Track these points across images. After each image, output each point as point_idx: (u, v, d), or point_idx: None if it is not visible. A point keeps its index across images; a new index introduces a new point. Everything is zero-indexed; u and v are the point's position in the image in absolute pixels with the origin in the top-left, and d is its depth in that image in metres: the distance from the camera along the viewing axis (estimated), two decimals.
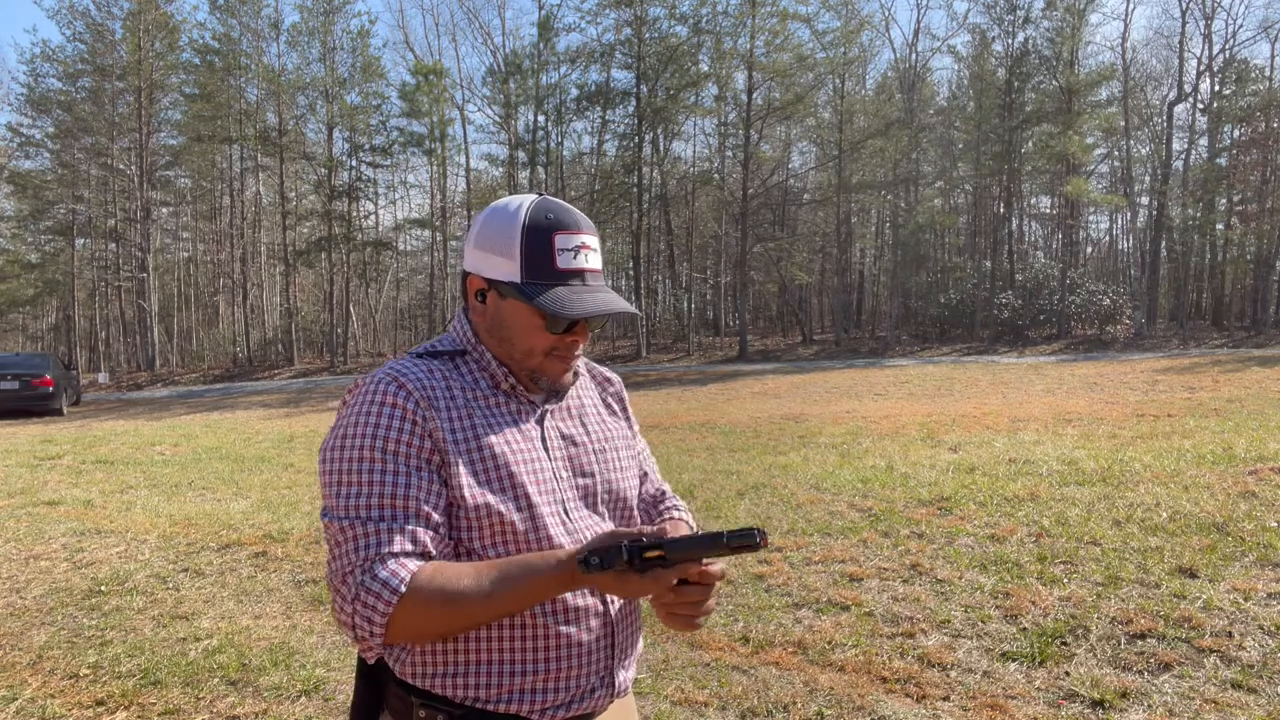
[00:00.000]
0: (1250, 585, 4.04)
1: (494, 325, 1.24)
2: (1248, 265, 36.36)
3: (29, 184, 34.76)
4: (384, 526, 1.09)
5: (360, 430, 1.14)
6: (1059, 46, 31.97)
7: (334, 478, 1.14)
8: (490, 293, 1.23)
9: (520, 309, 1.21)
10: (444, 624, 1.08)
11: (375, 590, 1.06)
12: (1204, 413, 10.83)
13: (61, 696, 3.40)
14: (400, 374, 1.18)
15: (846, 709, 3.07)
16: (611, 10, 32.54)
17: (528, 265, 1.19)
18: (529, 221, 1.20)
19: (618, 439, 1.37)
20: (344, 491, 1.12)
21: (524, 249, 1.19)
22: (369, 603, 1.06)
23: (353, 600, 1.07)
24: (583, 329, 1.24)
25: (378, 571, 1.07)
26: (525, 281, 1.19)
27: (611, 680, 1.24)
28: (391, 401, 1.15)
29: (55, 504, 7.40)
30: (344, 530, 1.10)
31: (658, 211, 36.35)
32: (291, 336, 35.52)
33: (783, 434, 10.61)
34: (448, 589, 1.06)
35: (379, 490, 1.11)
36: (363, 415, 1.15)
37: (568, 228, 1.21)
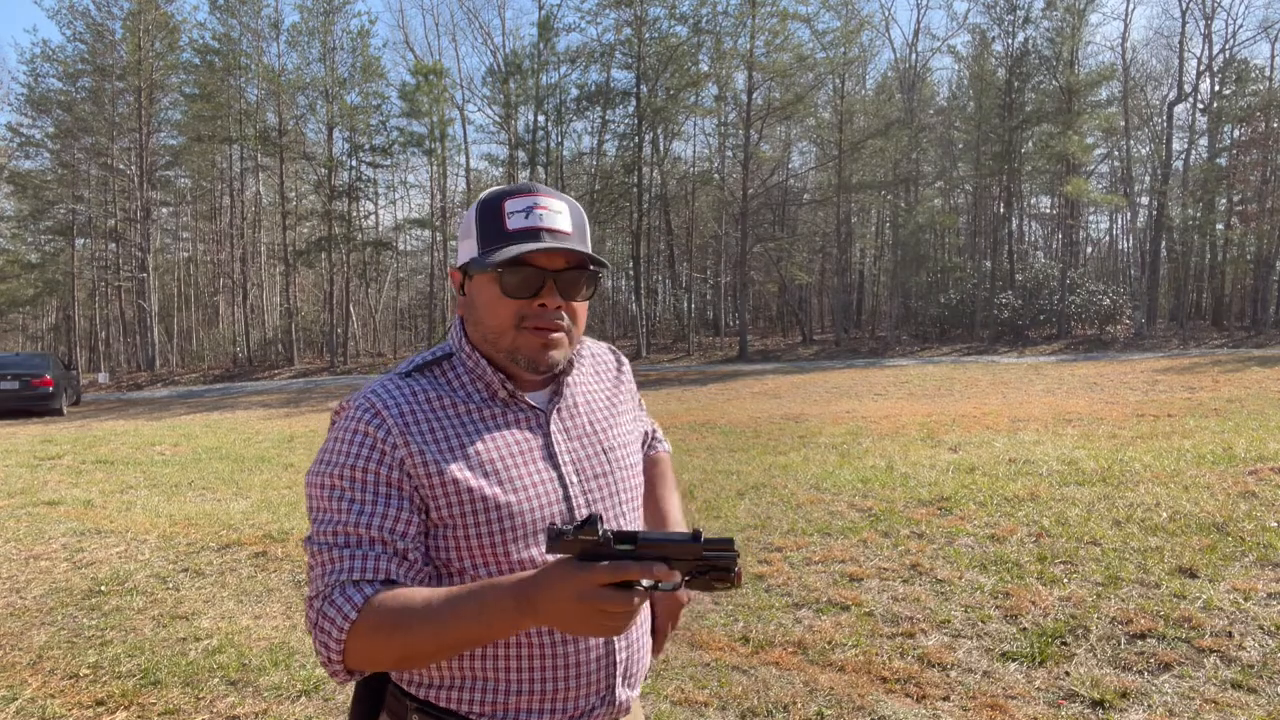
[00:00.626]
0: (1250, 585, 4.04)
1: (470, 312, 1.23)
2: (1248, 265, 36.36)
3: (29, 184, 34.76)
4: (346, 554, 1.09)
5: (334, 458, 1.14)
6: (1059, 46, 31.97)
7: (312, 503, 1.15)
8: (465, 281, 1.23)
9: (483, 282, 1.19)
10: (397, 651, 1.04)
11: (330, 616, 1.06)
12: (1204, 413, 10.83)
13: (61, 696, 3.40)
14: (378, 401, 1.16)
15: (846, 709, 3.07)
16: (611, 10, 32.56)
17: (482, 236, 1.18)
18: (484, 198, 1.21)
19: (626, 424, 1.34)
20: (318, 518, 1.13)
21: (478, 221, 1.20)
22: (325, 628, 1.06)
23: (314, 625, 1.08)
24: (549, 291, 1.17)
25: (335, 598, 1.07)
26: (482, 251, 1.18)
27: (612, 698, 1.22)
28: (365, 430, 1.14)
29: (55, 504, 7.40)
30: (315, 556, 1.11)
31: (658, 211, 36.35)
32: (291, 336, 35.52)
33: (783, 434, 10.61)
34: (397, 616, 1.03)
35: (345, 518, 1.10)
36: (339, 443, 1.15)
37: (518, 193, 1.19)
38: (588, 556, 0.95)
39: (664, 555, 0.97)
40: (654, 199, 35.68)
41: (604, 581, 0.93)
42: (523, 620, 0.99)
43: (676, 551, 0.97)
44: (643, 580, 0.95)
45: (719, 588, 0.99)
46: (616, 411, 1.34)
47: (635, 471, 1.32)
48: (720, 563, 0.98)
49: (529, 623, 0.99)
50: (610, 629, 0.96)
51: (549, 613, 0.96)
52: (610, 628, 0.96)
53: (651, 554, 0.96)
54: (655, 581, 0.97)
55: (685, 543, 0.97)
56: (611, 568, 0.94)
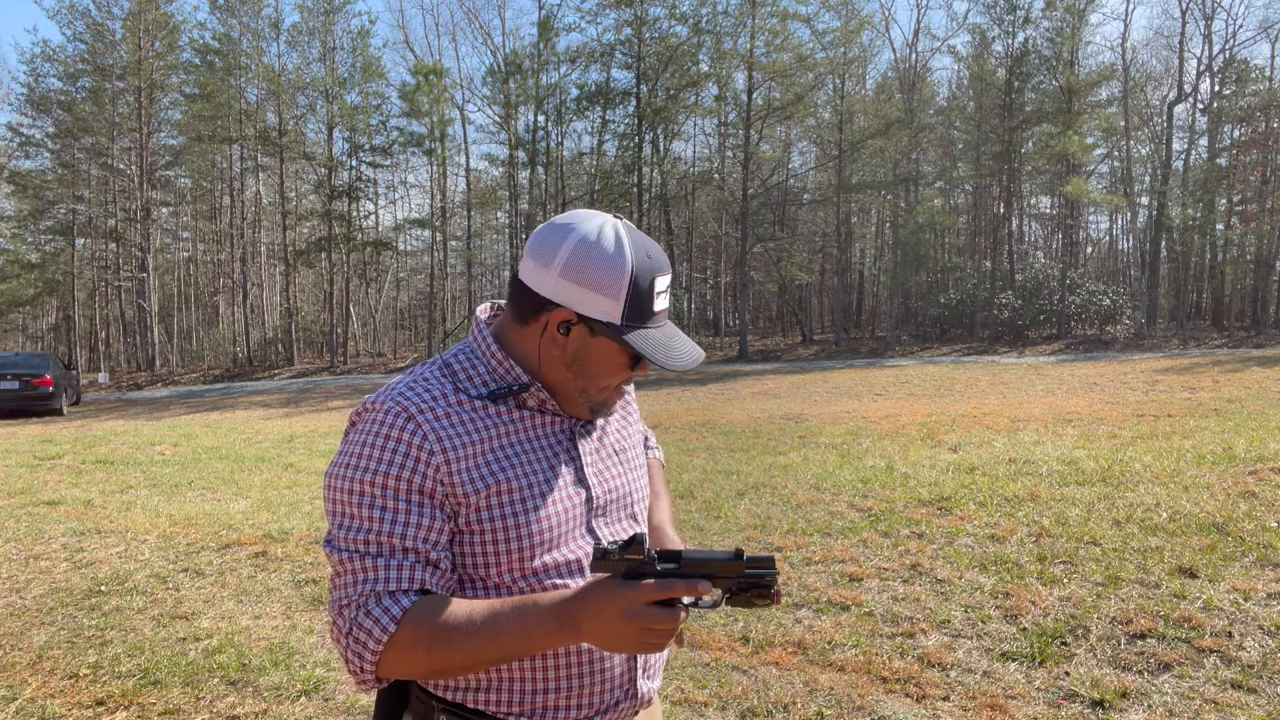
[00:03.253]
0: (1250, 585, 4.04)
1: (574, 360, 1.18)
2: (1248, 265, 36.37)
3: (29, 184, 34.75)
4: (382, 563, 1.08)
5: (364, 463, 1.11)
6: (1059, 46, 31.98)
7: (337, 508, 1.13)
8: (578, 327, 1.16)
9: (611, 348, 1.17)
10: (432, 664, 1.06)
11: (367, 628, 1.06)
12: (1204, 413, 10.83)
13: (61, 696, 3.40)
14: (410, 404, 1.14)
15: (846, 709, 3.07)
16: (611, 10, 32.57)
17: (631, 309, 1.15)
18: (635, 267, 1.14)
19: (635, 435, 1.38)
20: (346, 524, 1.11)
21: (630, 294, 1.14)
22: (361, 639, 1.06)
23: (347, 634, 1.07)
24: (646, 366, 1.22)
25: (371, 608, 1.06)
26: (625, 324, 1.15)
27: (635, 691, 1.24)
28: (397, 436, 1.11)
29: (55, 504, 7.40)
30: (344, 564, 1.10)
31: (658, 211, 36.35)
32: (291, 336, 35.52)
33: (783, 434, 10.61)
34: (438, 628, 1.05)
35: (379, 527, 1.09)
36: (368, 447, 1.12)
37: (663, 271, 1.18)
38: (631, 575, 0.99)
39: (707, 573, 1.00)
40: (654, 199, 35.69)
41: (651, 599, 0.96)
42: (564, 638, 1.02)
43: (719, 570, 1.00)
44: (685, 598, 0.98)
45: (759, 605, 1.01)
46: (624, 416, 1.38)
47: (643, 474, 1.36)
48: (761, 580, 1.00)
49: (570, 640, 1.02)
50: (653, 646, 0.98)
51: (592, 631, 0.99)
52: (653, 645, 0.98)
53: (695, 572, 0.99)
54: (696, 599, 1.00)
55: (728, 561, 1.00)
56: (658, 585, 0.96)
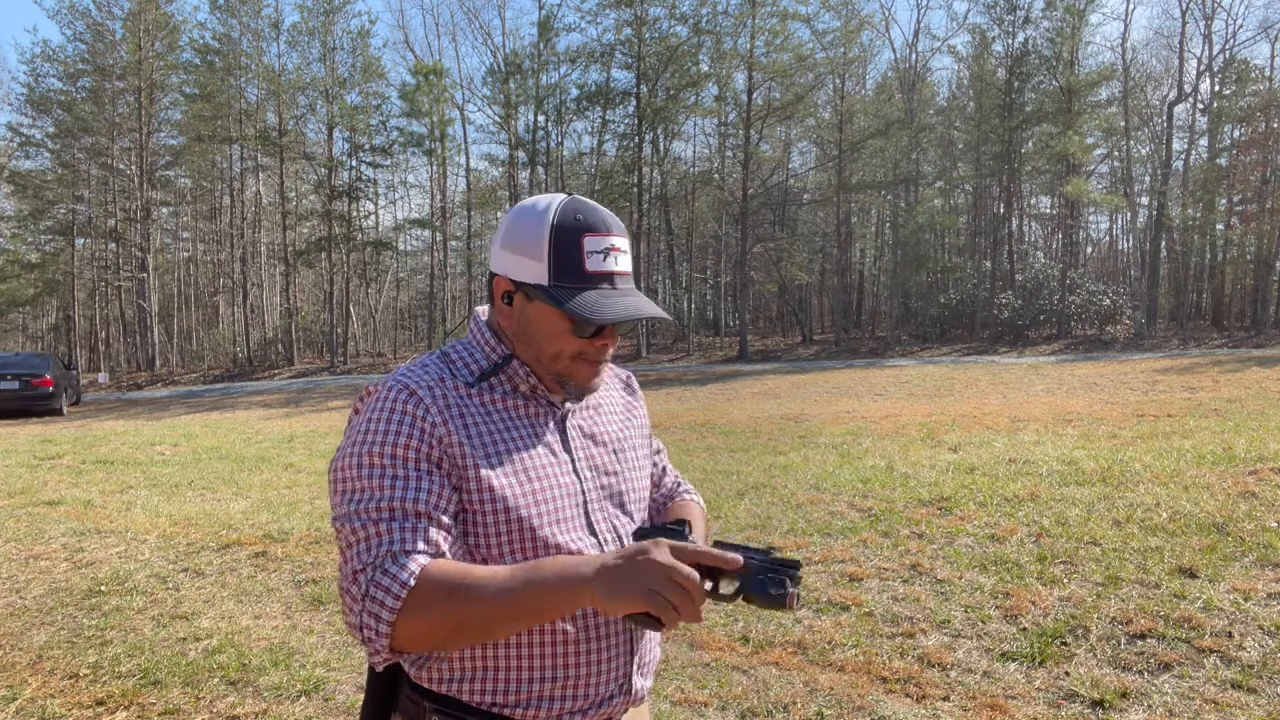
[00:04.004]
0: (1250, 585, 4.03)
1: (520, 328, 1.22)
2: (1248, 265, 36.36)
3: (29, 184, 34.75)
4: (396, 526, 1.08)
5: (371, 437, 1.13)
6: (1059, 46, 31.98)
7: (345, 484, 1.13)
8: (517, 295, 1.20)
9: (547, 312, 1.18)
10: (452, 623, 1.03)
11: (385, 585, 1.04)
12: (1204, 413, 10.83)
13: (61, 696, 3.40)
14: (411, 381, 1.17)
15: (846, 709, 3.07)
16: (611, 10, 32.58)
17: (556, 267, 1.16)
18: (557, 221, 1.16)
19: (635, 435, 1.37)
20: (355, 496, 1.11)
21: (552, 250, 1.16)
22: (377, 598, 1.04)
23: (362, 598, 1.05)
24: (611, 333, 1.21)
25: (388, 567, 1.05)
26: (553, 284, 1.16)
27: (630, 687, 1.24)
28: (402, 408, 1.13)
29: (55, 504, 7.40)
30: (355, 532, 1.08)
31: (658, 211, 36.35)
32: (291, 336, 35.52)
33: (783, 434, 10.61)
34: (458, 583, 1.03)
35: (389, 494, 1.09)
36: (373, 423, 1.14)
37: (597, 229, 1.17)
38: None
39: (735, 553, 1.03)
40: (654, 199, 35.69)
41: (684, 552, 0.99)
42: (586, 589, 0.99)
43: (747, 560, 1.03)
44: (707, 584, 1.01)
45: (774, 607, 1.02)
46: (627, 419, 1.38)
47: (642, 474, 1.35)
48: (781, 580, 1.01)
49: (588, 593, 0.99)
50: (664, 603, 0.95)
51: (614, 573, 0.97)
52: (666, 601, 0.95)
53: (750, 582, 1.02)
54: (714, 586, 1.03)
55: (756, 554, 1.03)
56: (692, 547, 1.00)
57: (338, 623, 4.16)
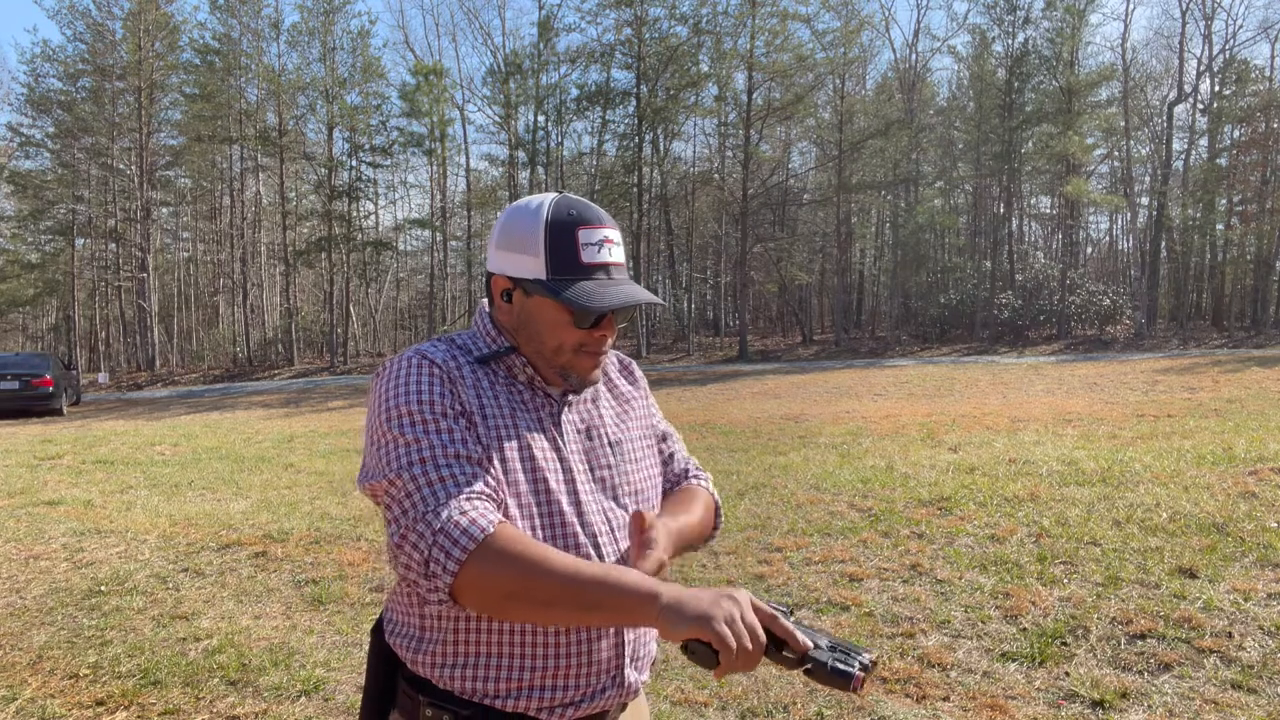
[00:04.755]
0: (1250, 585, 4.03)
1: (521, 324, 1.24)
2: (1248, 265, 36.37)
3: (29, 184, 34.75)
4: (453, 470, 1.10)
5: (403, 396, 1.15)
6: (1059, 47, 31.99)
7: (389, 442, 1.14)
8: (516, 291, 1.23)
9: (547, 305, 1.21)
10: (515, 586, 1.04)
11: (462, 525, 1.05)
12: (1204, 413, 10.83)
13: (61, 696, 3.40)
14: (426, 353, 1.21)
15: (846, 709, 3.07)
16: (611, 10, 32.58)
17: (552, 261, 1.19)
18: (551, 218, 1.20)
19: (635, 428, 1.36)
20: (404, 450, 1.12)
21: (548, 245, 1.19)
22: (453, 535, 1.05)
23: (435, 533, 1.05)
24: (609, 323, 1.23)
25: (457, 515, 1.06)
26: (551, 277, 1.19)
27: (622, 680, 1.24)
28: (427, 370, 1.18)
29: (55, 504, 7.39)
30: (415, 479, 1.10)
31: (658, 211, 36.36)
32: (291, 336, 35.53)
33: (783, 434, 10.61)
34: (531, 552, 1.05)
35: (440, 441, 1.12)
36: (401, 384, 1.17)
37: (590, 222, 1.21)
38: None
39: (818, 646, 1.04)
40: (654, 199, 35.69)
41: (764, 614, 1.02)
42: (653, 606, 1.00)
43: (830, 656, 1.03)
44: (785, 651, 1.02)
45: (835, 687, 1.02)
46: (625, 411, 1.37)
47: (642, 467, 1.34)
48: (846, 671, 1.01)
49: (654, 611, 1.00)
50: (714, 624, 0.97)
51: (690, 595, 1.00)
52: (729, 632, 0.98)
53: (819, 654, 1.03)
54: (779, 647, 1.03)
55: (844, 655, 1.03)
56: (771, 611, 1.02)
57: (338, 623, 4.16)
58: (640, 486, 1.32)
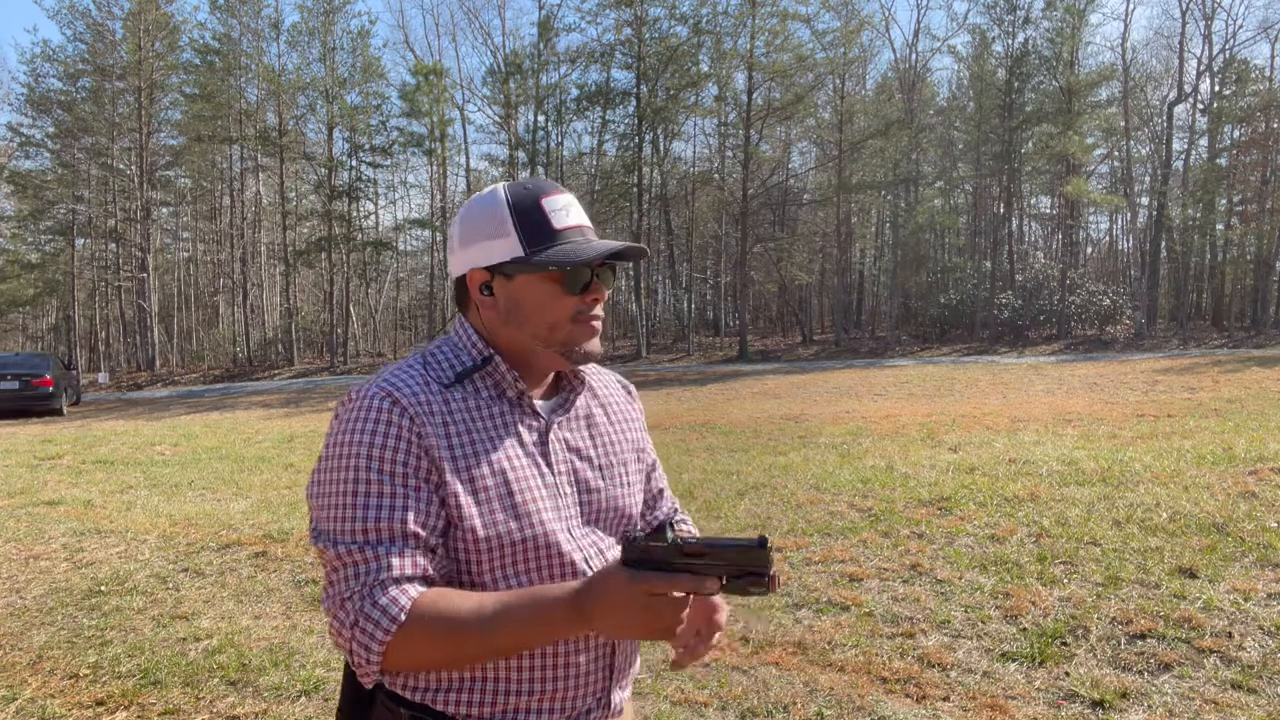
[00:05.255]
0: (1250, 585, 4.04)
1: (509, 313, 1.19)
2: (1248, 265, 36.37)
3: (29, 184, 34.74)
4: (382, 550, 1.06)
5: (354, 449, 1.09)
6: (1059, 47, 31.99)
7: (328, 500, 1.09)
8: (495, 280, 1.18)
9: (532, 281, 1.17)
10: (442, 654, 1.05)
11: (374, 618, 1.03)
12: (1204, 413, 10.83)
13: (61, 696, 3.40)
14: (393, 387, 1.12)
15: (846, 709, 3.07)
16: (611, 10, 32.57)
17: (526, 235, 1.16)
18: (511, 197, 1.18)
19: (626, 452, 1.31)
20: (339, 515, 1.08)
21: (517, 222, 1.16)
22: (367, 629, 1.03)
23: (351, 627, 1.04)
24: (598, 286, 1.19)
25: (377, 598, 1.04)
26: (529, 251, 1.16)
27: (608, 701, 1.22)
28: (386, 418, 1.09)
29: (55, 504, 7.40)
30: (340, 557, 1.06)
31: (658, 211, 36.35)
32: (291, 336, 35.52)
33: (783, 434, 10.61)
34: (448, 617, 1.03)
35: (375, 514, 1.06)
36: (355, 433, 1.09)
37: (549, 191, 1.19)
38: (648, 563, 0.99)
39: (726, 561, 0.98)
40: (654, 199, 35.68)
41: (653, 591, 0.96)
42: (576, 627, 1.01)
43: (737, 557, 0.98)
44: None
45: (754, 592, 0.99)
46: (620, 433, 1.33)
47: (630, 491, 1.30)
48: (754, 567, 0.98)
49: (581, 630, 1.01)
50: (660, 634, 0.99)
51: (604, 621, 0.99)
52: (660, 632, 0.98)
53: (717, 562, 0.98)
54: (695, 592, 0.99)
55: (752, 549, 0.97)
56: (662, 579, 0.97)
57: None
58: (629, 511, 1.28)
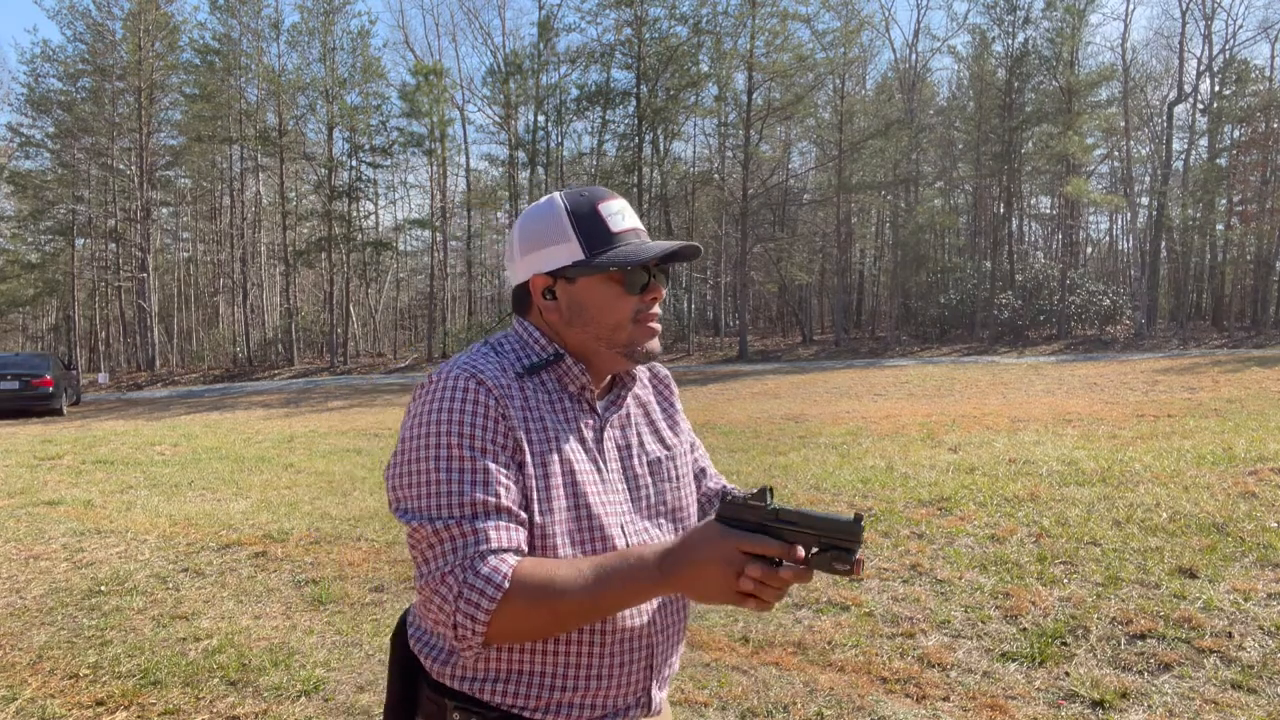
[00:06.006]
0: (1250, 585, 4.04)
1: (573, 314, 1.23)
2: (1248, 265, 36.37)
3: (29, 184, 34.74)
4: (479, 525, 1.09)
5: (443, 428, 1.12)
6: (1059, 47, 31.99)
7: (419, 477, 1.12)
8: (558, 284, 1.23)
9: (595, 283, 1.22)
10: (542, 619, 1.07)
11: (479, 587, 1.05)
12: (1204, 413, 10.83)
13: (61, 696, 3.40)
14: (476, 369, 1.17)
15: (846, 709, 3.07)
16: (611, 10, 32.58)
17: (586, 239, 1.21)
18: (569, 204, 1.23)
19: (675, 449, 1.35)
20: (433, 492, 1.11)
21: (576, 228, 1.21)
22: (472, 599, 1.05)
23: (455, 599, 1.06)
24: (656, 285, 1.24)
25: (480, 569, 1.06)
26: (590, 254, 1.20)
27: (648, 700, 1.25)
28: (473, 397, 1.14)
29: (55, 504, 7.40)
30: (438, 532, 1.09)
31: (658, 212, 36.34)
32: (291, 336, 35.52)
33: (783, 434, 10.61)
34: (547, 582, 1.06)
35: (470, 490, 1.10)
36: (444, 411, 1.13)
37: (604, 198, 1.24)
38: (743, 523, 1.02)
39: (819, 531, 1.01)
40: (654, 199, 35.69)
41: (744, 549, 1.00)
42: (664, 586, 1.04)
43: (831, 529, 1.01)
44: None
45: (839, 570, 1.00)
46: (665, 426, 1.37)
47: (681, 484, 1.34)
48: (844, 542, 1.00)
49: (668, 589, 1.05)
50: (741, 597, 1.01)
51: (687, 577, 1.02)
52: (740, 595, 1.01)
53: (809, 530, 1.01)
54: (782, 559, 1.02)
55: (847, 524, 1.00)
56: (754, 539, 1.00)
57: (338, 623, 4.16)
58: (679, 504, 1.32)
